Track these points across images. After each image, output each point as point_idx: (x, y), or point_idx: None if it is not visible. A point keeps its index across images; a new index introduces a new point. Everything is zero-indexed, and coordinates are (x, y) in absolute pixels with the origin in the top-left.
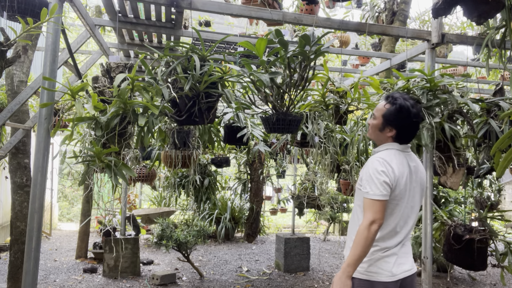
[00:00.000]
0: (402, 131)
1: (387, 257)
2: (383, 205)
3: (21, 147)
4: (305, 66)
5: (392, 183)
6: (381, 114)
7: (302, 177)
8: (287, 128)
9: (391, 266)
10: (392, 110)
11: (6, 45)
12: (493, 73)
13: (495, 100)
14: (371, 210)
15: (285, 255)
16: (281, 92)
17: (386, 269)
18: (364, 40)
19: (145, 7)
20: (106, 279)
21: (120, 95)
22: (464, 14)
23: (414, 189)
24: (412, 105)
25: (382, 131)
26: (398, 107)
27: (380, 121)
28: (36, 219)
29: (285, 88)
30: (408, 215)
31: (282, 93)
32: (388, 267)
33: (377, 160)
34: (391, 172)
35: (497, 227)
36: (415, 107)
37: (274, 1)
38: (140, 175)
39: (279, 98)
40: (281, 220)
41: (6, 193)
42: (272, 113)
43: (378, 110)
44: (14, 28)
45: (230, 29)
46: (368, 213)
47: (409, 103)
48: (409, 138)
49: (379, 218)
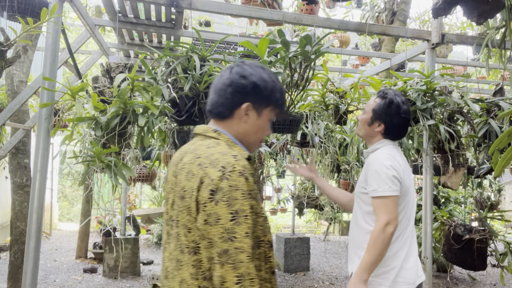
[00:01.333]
0: (391, 127)
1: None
2: (395, 202)
3: (21, 147)
4: (306, 66)
5: (401, 177)
6: (371, 108)
7: (302, 177)
8: (288, 128)
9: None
10: (382, 104)
11: (6, 45)
12: (493, 73)
13: (495, 100)
14: (383, 210)
15: (285, 255)
16: None
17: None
18: (364, 40)
19: (145, 7)
20: (106, 279)
21: (120, 95)
22: (464, 14)
23: (412, 186)
24: (403, 101)
25: (371, 126)
26: (388, 102)
27: (369, 115)
28: (36, 219)
29: (285, 88)
30: (411, 214)
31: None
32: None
33: (382, 155)
34: (399, 166)
35: (497, 227)
36: (405, 104)
37: (274, 1)
38: (140, 175)
39: None
40: (281, 220)
41: (6, 193)
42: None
43: (369, 104)
44: (14, 28)
45: (230, 29)
46: (381, 215)
47: (399, 99)
48: (398, 135)
49: (394, 218)
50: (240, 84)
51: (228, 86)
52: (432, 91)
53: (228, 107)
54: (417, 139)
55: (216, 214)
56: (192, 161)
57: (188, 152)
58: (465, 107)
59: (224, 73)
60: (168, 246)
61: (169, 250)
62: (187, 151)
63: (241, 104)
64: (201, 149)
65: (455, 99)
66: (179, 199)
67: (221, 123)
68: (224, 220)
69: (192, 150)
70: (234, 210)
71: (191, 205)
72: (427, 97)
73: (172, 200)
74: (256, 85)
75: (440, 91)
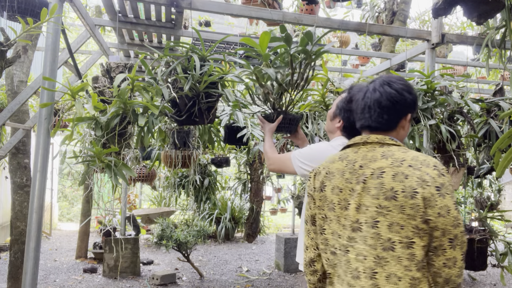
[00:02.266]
0: (348, 124)
1: None
2: (288, 163)
3: (21, 147)
4: (307, 65)
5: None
6: (336, 102)
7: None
8: (287, 127)
9: None
10: (343, 99)
11: (6, 45)
12: (493, 73)
13: (495, 100)
14: (280, 157)
15: (285, 255)
16: (281, 90)
17: None
18: (364, 40)
19: (145, 7)
20: (106, 279)
21: (120, 95)
22: (464, 14)
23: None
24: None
25: (332, 121)
26: (349, 98)
27: (333, 109)
28: (36, 219)
29: (285, 86)
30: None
31: (283, 91)
32: None
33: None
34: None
35: (497, 227)
36: None
37: (274, 1)
38: (140, 175)
39: (279, 96)
40: (281, 220)
41: (6, 193)
42: (272, 112)
43: (337, 99)
44: (14, 28)
45: (230, 29)
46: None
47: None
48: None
49: (273, 163)
50: (408, 99)
51: (396, 103)
52: (432, 91)
53: (395, 121)
54: (418, 138)
55: (446, 206)
56: (396, 164)
57: (369, 159)
58: (465, 107)
59: (382, 89)
60: (352, 249)
61: (356, 252)
62: (365, 158)
63: (405, 115)
64: (398, 154)
65: (456, 99)
66: (384, 200)
67: (386, 133)
68: (453, 210)
69: (381, 156)
70: (454, 200)
71: (415, 202)
72: (428, 97)
73: (358, 204)
74: (416, 98)
75: (441, 91)
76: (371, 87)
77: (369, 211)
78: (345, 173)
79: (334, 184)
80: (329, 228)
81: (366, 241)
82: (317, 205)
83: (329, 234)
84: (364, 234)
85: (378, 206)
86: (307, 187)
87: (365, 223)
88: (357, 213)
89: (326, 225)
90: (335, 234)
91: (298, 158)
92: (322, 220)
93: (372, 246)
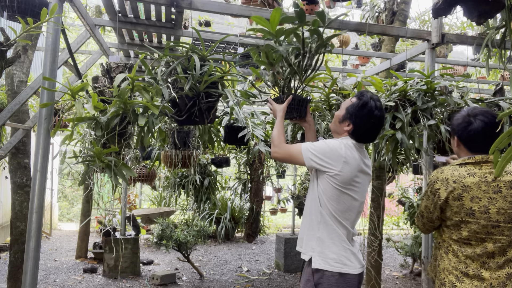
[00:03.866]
0: (359, 129)
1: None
2: (297, 153)
3: (21, 147)
4: (319, 46)
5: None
6: (346, 106)
7: (302, 177)
8: (297, 109)
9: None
10: (355, 105)
11: (6, 45)
12: (493, 73)
13: (495, 100)
14: (290, 147)
15: (285, 255)
16: (291, 73)
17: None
18: (364, 40)
19: (145, 7)
20: (106, 279)
21: (120, 95)
22: (464, 14)
23: (363, 188)
24: (377, 107)
25: (341, 123)
26: (361, 104)
27: (342, 112)
28: (36, 219)
29: (296, 69)
30: (351, 211)
31: (292, 75)
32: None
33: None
34: (342, 153)
35: None
36: (379, 110)
37: (274, 1)
38: (140, 175)
39: (288, 81)
40: (281, 220)
41: (6, 193)
42: (281, 95)
43: (345, 102)
44: (14, 28)
45: (230, 29)
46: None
47: (374, 103)
48: (364, 139)
49: (278, 150)
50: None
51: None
52: (432, 91)
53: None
54: (418, 138)
55: None
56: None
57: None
58: (465, 107)
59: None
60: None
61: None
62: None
63: None
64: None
65: (456, 99)
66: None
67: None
68: None
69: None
70: None
71: None
72: (428, 97)
73: (497, 208)
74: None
75: (441, 91)
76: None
77: (507, 213)
78: (482, 185)
79: (467, 196)
80: (466, 227)
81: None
82: (454, 212)
83: (466, 232)
84: (501, 230)
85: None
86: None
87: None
88: (497, 215)
89: (463, 225)
90: (473, 232)
91: (311, 151)
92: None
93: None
